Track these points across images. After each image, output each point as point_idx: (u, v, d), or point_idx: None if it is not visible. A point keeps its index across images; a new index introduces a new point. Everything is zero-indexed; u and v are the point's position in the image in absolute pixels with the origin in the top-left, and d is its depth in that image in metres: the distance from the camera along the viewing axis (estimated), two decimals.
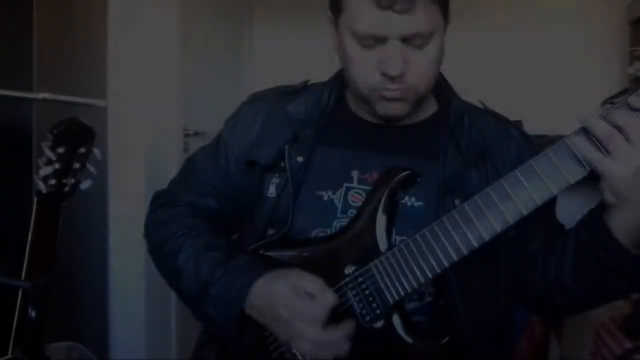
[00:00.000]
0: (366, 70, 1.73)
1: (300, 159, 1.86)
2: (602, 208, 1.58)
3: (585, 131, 1.48)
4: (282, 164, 1.87)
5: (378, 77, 1.72)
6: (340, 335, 1.63)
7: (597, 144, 1.46)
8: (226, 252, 1.84)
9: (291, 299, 1.65)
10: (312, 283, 1.66)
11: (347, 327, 1.64)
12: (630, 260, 1.57)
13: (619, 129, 1.42)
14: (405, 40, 1.67)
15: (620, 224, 1.54)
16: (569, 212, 1.93)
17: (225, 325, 1.75)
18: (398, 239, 1.76)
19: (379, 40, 1.67)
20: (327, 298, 1.63)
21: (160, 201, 2.09)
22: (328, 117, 1.95)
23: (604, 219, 1.57)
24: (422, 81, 1.76)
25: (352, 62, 1.75)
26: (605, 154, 1.44)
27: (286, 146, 1.88)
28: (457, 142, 1.85)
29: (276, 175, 1.89)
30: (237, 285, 1.73)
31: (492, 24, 5.09)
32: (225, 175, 2.01)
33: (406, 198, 1.81)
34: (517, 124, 2.02)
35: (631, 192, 1.46)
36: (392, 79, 1.70)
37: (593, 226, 1.61)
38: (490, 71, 5.12)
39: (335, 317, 1.66)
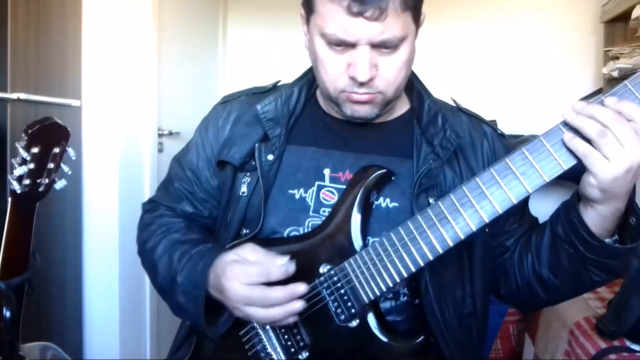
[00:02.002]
0: (335, 72, 1.73)
1: (270, 157, 1.87)
2: (576, 201, 1.60)
3: (569, 127, 1.49)
4: (253, 163, 1.88)
5: (346, 80, 1.72)
6: (286, 292, 1.60)
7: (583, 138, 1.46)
8: (194, 243, 1.86)
9: (231, 265, 1.65)
10: (254, 251, 1.67)
11: (294, 285, 1.61)
12: (606, 250, 1.59)
13: (605, 126, 1.43)
14: (375, 45, 1.66)
15: (597, 217, 1.56)
16: (545, 210, 1.95)
17: (195, 311, 1.75)
18: (371, 240, 1.77)
19: (348, 45, 1.67)
20: (269, 261, 1.63)
21: (147, 207, 2.13)
22: (298, 115, 1.96)
23: (580, 212, 1.58)
24: (391, 86, 1.76)
25: (321, 63, 1.75)
26: (595, 148, 1.45)
27: (256, 145, 1.89)
28: (431, 140, 1.86)
29: (247, 174, 1.90)
30: (199, 268, 1.75)
31: (467, 23, 5.10)
32: (197, 178, 2.03)
33: (380, 199, 1.82)
34: (491, 123, 2.03)
35: (618, 188, 1.48)
36: (361, 84, 1.70)
37: (569, 219, 1.62)
38: (465, 71, 5.14)
39: (309, 316, 1.69)
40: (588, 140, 1.45)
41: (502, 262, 1.91)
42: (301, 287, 1.62)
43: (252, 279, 1.61)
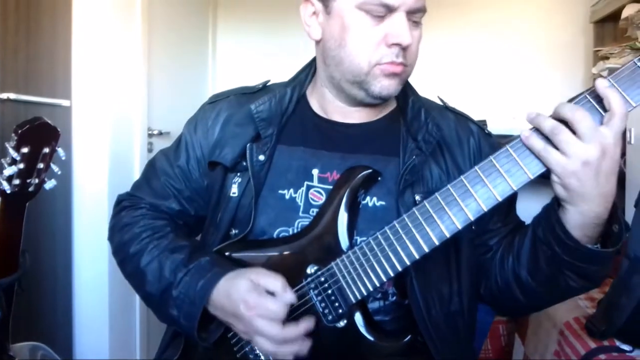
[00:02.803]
0: (372, 43, 1.75)
1: (261, 157, 1.87)
2: (558, 203, 1.59)
3: (536, 128, 1.50)
4: (244, 163, 1.88)
5: (384, 50, 1.74)
6: (299, 332, 1.62)
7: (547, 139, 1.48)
8: (189, 254, 1.84)
9: (251, 296, 1.63)
10: (272, 280, 1.65)
11: (306, 325, 1.63)
12: (584, 254, 1.58)
13: (567, 123, 1.45)
14: (410, 13, 1.73)
15: (575, 220, 1.55)
16: (534, 211, 1.95)
17: (189, 326, 1.75)
18: (359, 239, 1.77)
19: (390, 10, 1.71)
20: (287, 295, 1.63)
21: (124, 204, 2.08)
22: (289, 115, 1.96)
23: (558, 214, 1.58)
24: (414, 59, 1.83)
25: (356, 38, 1.76)
26: (554, 147, 1.46)
27: (248, 145, 1.89)
28: (415, 135, 1.87)
29: (238, 174, 1.90)
30: (199, 286, 1.73)
31: (456, 24, 5.12)
32: (186, 177, 2.02)
33: (367, 198, 1.82)
34: (479, 122, 2.04)
35: (580, 185, 1.47)
36: (403, 49, 1.74)
37: (548, 221, 1.62)
38: (455, 71, 5.16)
39: (296, 317, 1.67)
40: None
41: (484, 262, 1.92)
42: (312, 324, 1.64)
43: (271, 316, 1.61)
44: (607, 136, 1.44)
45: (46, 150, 2.03)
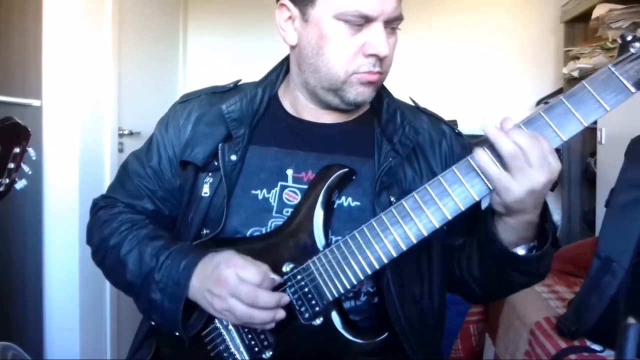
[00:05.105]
0: (349, 53, 1.75)
1: (234, 157, 1.87)
2: (490, 210, 1.63)
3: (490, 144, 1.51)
4: (216, 163, 1.88)
5: (361, 60, 1.76)
6: (273, 299, 1.62)
7: (495, 158, 1.50)
8: (168, 240, 1.85)
9: (233, 256, 1.66)
10: (255, 262, 1.67)
11: (281, 295, 1.64)
12: (515, 259, 1.65)
13: (520, 149, 1.46)
14: (388, 22, 1.74)
15: (506, 227, 1.61)
16: None
17: (174, 308, 1.74)
18: (334, 239, 1.77)
19: (368, 20, 1.72)
20: (265, 269, 1.65)
21: (100, 204, 2.07)
22: (261, 116, 1.96)
23: (493, 224, 1.64)
24: (389, 67, 1.85)
25: (333, 46, 1.76)
26: (503, 170, 1.49)
27: (220, 145, 1.89)
28: (391, 138, 1.88)
29: (209, 174, 1.90)
30: (182, 266, 1.73)
31: (425, 23, 5.12)
32: (159, 177, 2.01)
33: (343, 198, 1.83)
34: (450, 123, 2.05)
35: (520, 206, 1.52)
36: (380, 59, 1.75)
37: (486, 227, 1.66)
38: (425, 71, 5.18)
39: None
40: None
41: (451, 261, 1.96)
42: (286, 298, 1.65)
43: (249, 276, 1.62)
44: (554, 166, 1.49)
45: (17, 150, 2.02)
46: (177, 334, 1.76)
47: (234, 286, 1.61)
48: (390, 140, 1.88)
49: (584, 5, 4.24)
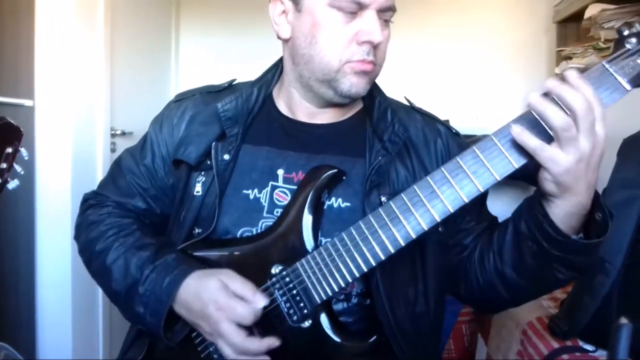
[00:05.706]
0: (342, 41, 1.76)
1: (226, 157, 1.87)
2: (538, 197, 1.58)
3: (524, 119, 1.49)
4: (209, 162, 1.88)
5: (354, 49, 1.76)
6: (261, 348, 1.62)
7: (531, 130, 1.45)
8: (155, 251, 1.84)
9: (221, 296, 1.64)
10: (241, 284, 1.66)
11: (270, 342, 1.63)
12: (572, 246, 1.56)
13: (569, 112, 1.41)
14: (381, 12, 1.75)
15: (560, 212, 1.53)
16: (497, 210, 1.96)
17: (155, 323, 1.74)
18: (324, 240, 1.77)
19: (361, 7, 1.72)
20: (258, 301, 1.64)
21: (90, 202, 2.07)
22: (255, 115, 1.96)
23: (544, 208, 1.56)
24: (383, 59, 1.85)
25: (327, 35, 1.77)
26: (547, 142, 1.43)
27: (213, 144, 1.89)
28: (381, 136, 1.88)
29: (202, 173, 1.90)
30: (166, 283, 1.73)
31: (418, 23, 5.09)
32: (152, 175, 2.02)
33: (332, 199, 1.82)
34: (445, 122, 2.04)
35: (573, 180, 1.45)
36: (374, 47, 1.76)
37: (534, 216, 1.59)
38: (418, 71, 5.16)
39: (261, 317, 1.66)
40: (541, 131, 1.45)
41: (461, 262, 1.91)
42: (276, 343, 1.64)
43: (239, 319, 1.62)
44: (600, 131, 1.43)
45: (9, 150, 2.02)
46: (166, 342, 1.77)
47: (226, 334, 1.62)
48: (380, 139, 1.87)
49: (577, 5, 4.23)
